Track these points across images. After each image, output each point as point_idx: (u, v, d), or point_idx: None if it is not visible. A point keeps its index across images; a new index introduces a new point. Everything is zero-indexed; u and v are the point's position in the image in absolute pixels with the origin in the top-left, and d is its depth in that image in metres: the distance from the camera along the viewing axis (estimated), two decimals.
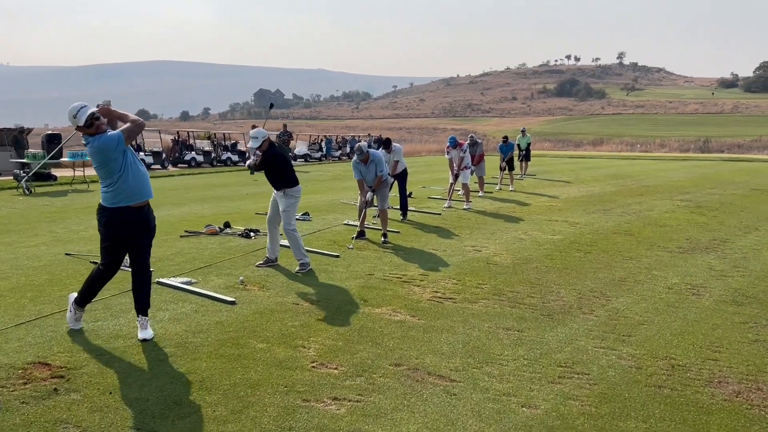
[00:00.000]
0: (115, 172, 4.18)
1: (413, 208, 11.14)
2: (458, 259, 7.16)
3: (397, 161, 10.24)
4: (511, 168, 16.22)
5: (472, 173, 12.51)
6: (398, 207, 10.43)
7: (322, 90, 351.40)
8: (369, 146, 9.79)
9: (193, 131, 30.18)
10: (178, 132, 28.25)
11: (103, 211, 4.30)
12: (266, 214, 6.89)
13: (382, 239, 8.16)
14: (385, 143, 10.25)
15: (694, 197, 13.97)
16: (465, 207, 11.62)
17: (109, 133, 4.15)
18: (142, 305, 4.46)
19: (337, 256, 7.22)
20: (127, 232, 4.30)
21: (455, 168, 11.82)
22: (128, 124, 4.24)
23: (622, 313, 5.15)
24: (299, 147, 31.55)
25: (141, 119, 4.30)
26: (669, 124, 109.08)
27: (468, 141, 12.65)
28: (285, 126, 24.78)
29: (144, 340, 4.32)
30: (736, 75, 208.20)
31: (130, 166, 4.22)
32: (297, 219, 9.79)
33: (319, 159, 31.59)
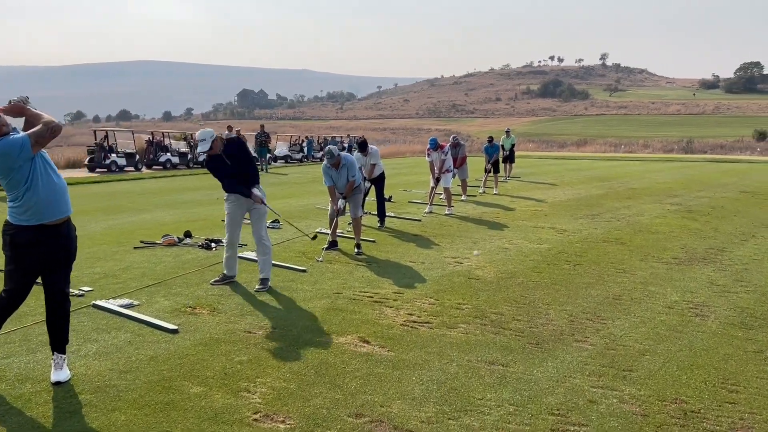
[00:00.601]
0: (20, 183, 3.46)
1: (392, 214, 10.49)
2: (437, 274, 6.52)
3: (374, 164, 9.59)
4: (497, 170, 15.65)
5: (454, 176, 11.89)
6: (375, 213, 9.77)
7: (306, 90, 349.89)
8: (350, 147, 9.09)
9: (169, 132, 29.24)
10: (152, 133, 27.30)
11: (8, 228, 3.59)
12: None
13: (356, 250, 7.50)
14: (361, 145, 9.58)
15: (684, 200, 13.47)
16: (447, 212, 10.99)
17: (11, 137, 3.43)
18: (58, 341, 3.76)
19: (304, 271, 6.54)
20: (39, 254, 3.59)
21: (436, 171, 11.20)
22: (38, 127, 3.51)
23: (620, 340, 4.53)
24: (279, 148, 30.70)
25: (56, 122, 3.58)
26: (652, 124, 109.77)
27: (450, 142, 12.04)
28: (262, 126, 24.00)
29: (57, 383, 3.61)
30: (717, 76, 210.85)
31: (40, 177, 3.50)
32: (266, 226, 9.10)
33: (300, 160, 30.77)
